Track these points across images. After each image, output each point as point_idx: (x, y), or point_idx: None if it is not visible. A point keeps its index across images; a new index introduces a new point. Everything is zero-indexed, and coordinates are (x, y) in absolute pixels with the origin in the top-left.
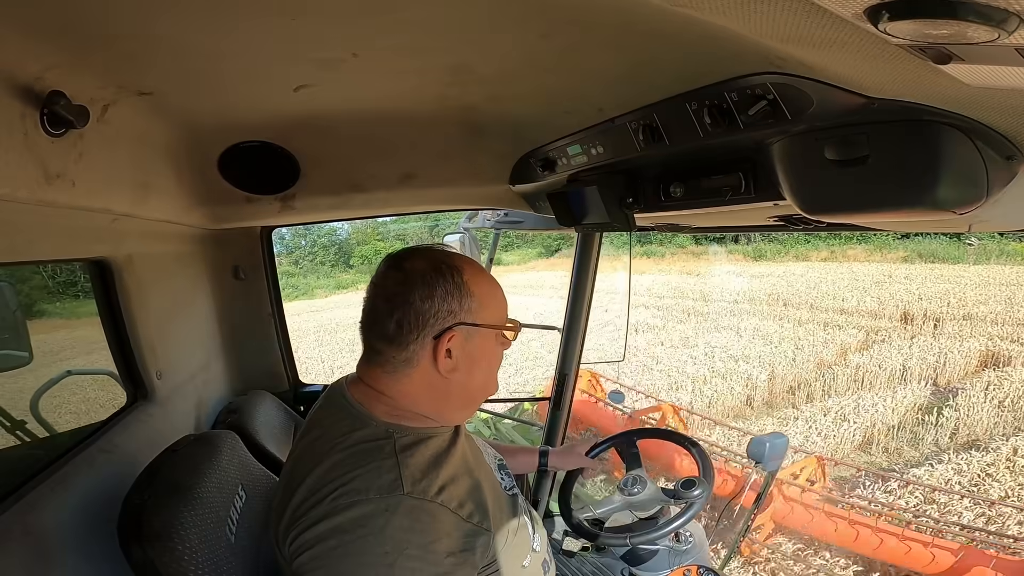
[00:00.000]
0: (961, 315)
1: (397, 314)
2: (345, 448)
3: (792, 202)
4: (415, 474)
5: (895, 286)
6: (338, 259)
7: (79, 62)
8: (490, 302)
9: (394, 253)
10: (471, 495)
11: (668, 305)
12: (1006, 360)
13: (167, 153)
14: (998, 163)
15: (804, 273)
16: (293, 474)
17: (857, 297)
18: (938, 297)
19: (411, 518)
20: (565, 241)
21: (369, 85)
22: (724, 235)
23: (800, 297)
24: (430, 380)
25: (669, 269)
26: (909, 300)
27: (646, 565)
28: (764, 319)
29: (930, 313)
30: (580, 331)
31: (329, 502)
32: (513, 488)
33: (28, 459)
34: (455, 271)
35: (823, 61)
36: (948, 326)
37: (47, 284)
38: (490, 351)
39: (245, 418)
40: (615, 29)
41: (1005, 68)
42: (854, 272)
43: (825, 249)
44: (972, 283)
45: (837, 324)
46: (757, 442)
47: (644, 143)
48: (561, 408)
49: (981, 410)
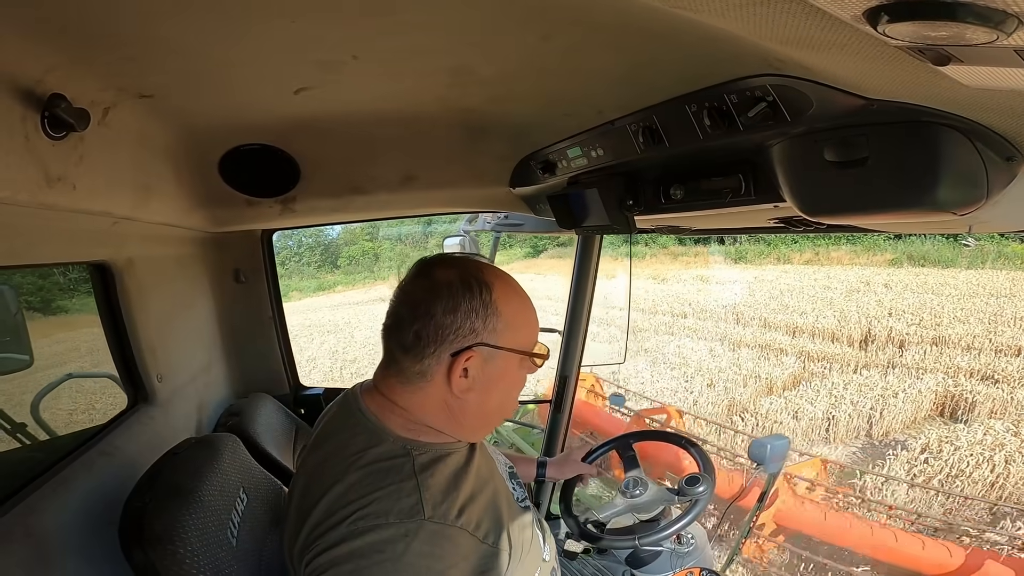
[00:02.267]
0: (931, 337)
1: (417, 324)
2: (362, 467)
3: (792, 204)
4: (436, 496)
5: (868, 297)
6: (325, 260)
7: (80, 65)
8: (519, 324)
9: (426, 258)
10: (488, 513)
11: (612, 318)
12: (967, 406)
13: (168, 156)
14: (998, 164)
15: (776, 279)
16: (308, 491)
17: (818, 311)
18: (911, 312)
19: (431, 544)
20: (551, 241)
21: (369, 87)
22: (708, 236)
23: (756, 309)
24: (443, 397)
25: (639, 274)
26: (877, 315)
27: (648, 567)
28: (698, 339)
29: (896, 334)
30: (580, 334)
31: (348, 525)
32: (525, 500)
33: (29, 462)
34: (484, 287)
35: (822, 63)
36: (912, 352)
37: (59, 282)
38: (511, 375)
39: (246, 421)
40: (615, 31)
41: (1004, 69)
42: (830, 278)
43: (809, 250)
44: (957, 293)
45: (779, 348)
46: (758, 444)
47: (644, 145)
48: (562, 411)
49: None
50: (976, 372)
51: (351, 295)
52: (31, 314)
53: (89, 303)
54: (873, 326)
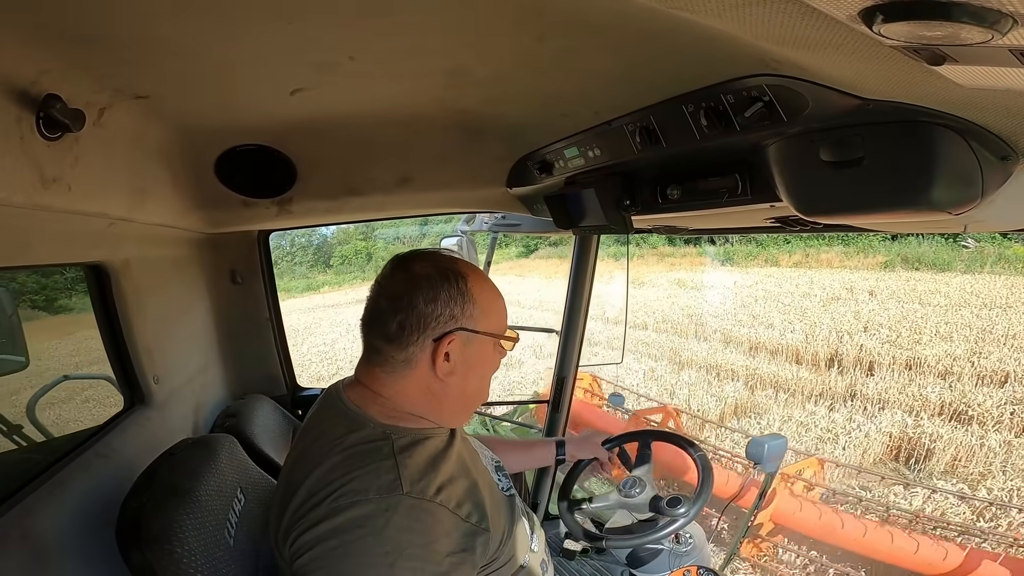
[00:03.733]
0: (905, 360)
1: (400, 315)
2: (343, 450)
3: (788, 203)
4: (414, 474)
5: (848, 306)
6: (317, 259)
7: (75, 66)
8: (492, 310)
9: (401, 255)
10: (469, 495)
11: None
12: (924, 453)
13: (163, 157)
14: (993, 163)
15: (756, 284)
16: (292, 476)
17: (788, 324)
18: (890, 326)
19: (411, 518)
20: (543, 241)
21: (366, 88)
22: (699, 236)
23: (722, 321)
24: (427, 382)
25: (619, 276)
26: (852, 329)
27: (647, 567)
28: (644, 358)
29: (866, 354)
30: (578, 334)
31: (329, 503)
32: (510, 489)
33: (25, 463)
34: (460, 277)
35: (818, 63)
36: (878, 379)
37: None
38: (487, 358)
39: (243, 422)
40: (611, 31)
41: (999, 69)
42: (813, 284)
43: (800, 251)
44: (946, 303)
45: (730, 370)
46: (756, 443)
47: (641, 145)
48: (560, 411)
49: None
50: (947, 407)
51: (334, 296)
52: (35, 312)
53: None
54: (844, 344)
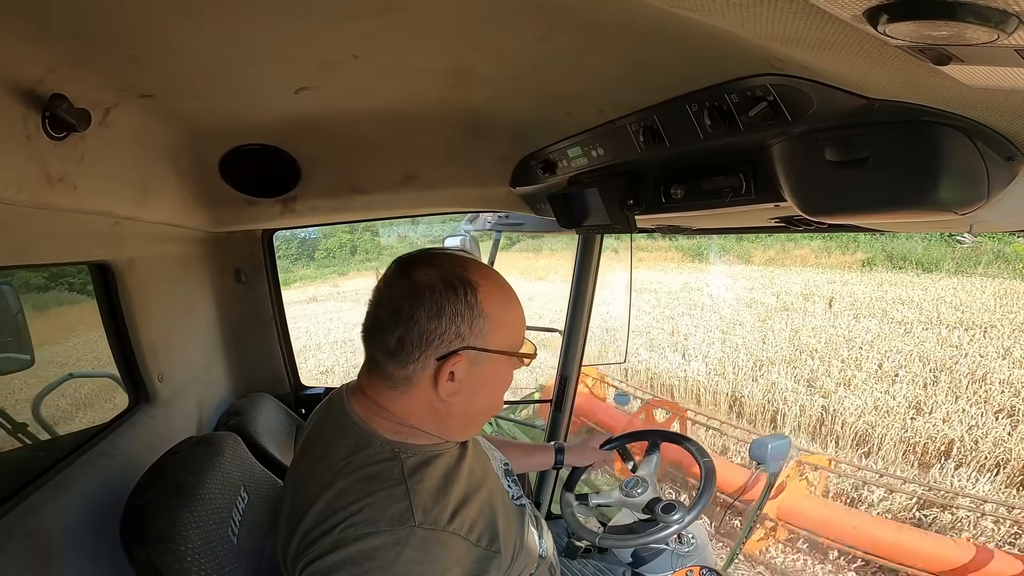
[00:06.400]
0: (819, 412)
1: (400, 330)
2: (350, 473)
3: (793, 203)
4: (426, 502)
5: (792, 320)
6: (300, 253)
7: (81, 65)
8: (505, 323)
9: (406, 257)
10: (482, 515)
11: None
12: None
13: (168, 156)
14: (999, 163)
15: (705, 287)
16: (298, 497)
17: (708, 345)
18: (824, 357)
19: (422, 550)
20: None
21: (370, 87)
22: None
23: (636, 338)
24: (429, 400)
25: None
26: (777, 358)
27: (649, 566)
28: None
29: (776, 398)
30: (581, 333)
31: (338, 532)
32: (520, 497)
33: (30, 462)
34: (469, 288)
35: (823, 62)
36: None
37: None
38: (498, 375)
39: (247, 420)
40: (615, 31)
41: (1004, 69)
42: (772, 285)
43: (776, 247)
44: (918, 318)
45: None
46: (759, 443)
47: (645, 145)
48: (563, 411)
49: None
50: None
51: (296, 293)
52: (39, 311)
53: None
54: (756, 379)
